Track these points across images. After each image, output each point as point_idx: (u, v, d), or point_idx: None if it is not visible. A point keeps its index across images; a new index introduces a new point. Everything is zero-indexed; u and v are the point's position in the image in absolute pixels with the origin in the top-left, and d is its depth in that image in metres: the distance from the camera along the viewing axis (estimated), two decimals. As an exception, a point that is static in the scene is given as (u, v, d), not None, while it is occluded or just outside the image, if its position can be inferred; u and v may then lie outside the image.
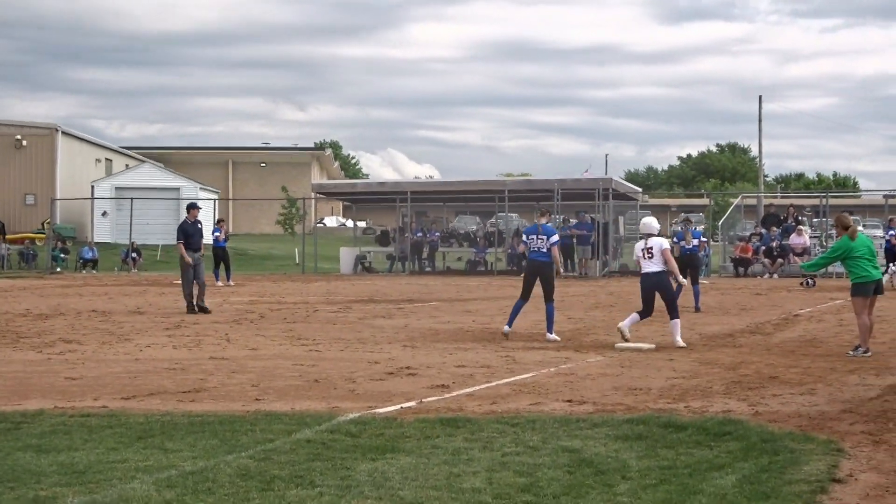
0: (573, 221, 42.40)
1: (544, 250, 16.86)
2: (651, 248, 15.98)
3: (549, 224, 17.29)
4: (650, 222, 16.48)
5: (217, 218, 39.12)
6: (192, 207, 23.26)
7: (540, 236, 16.92)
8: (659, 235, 16.42)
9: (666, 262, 16.01)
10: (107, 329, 18.90)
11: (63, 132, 62.17)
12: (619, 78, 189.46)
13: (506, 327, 17.05)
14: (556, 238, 16.98)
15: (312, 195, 54.49)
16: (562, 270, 17.18)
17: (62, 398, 11.11)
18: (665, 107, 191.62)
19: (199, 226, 23.11)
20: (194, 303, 22.22)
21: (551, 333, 16.85)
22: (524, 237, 17.46)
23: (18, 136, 60.12)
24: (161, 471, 7.70)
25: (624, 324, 15.92)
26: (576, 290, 30.14)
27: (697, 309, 22.36)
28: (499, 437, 8.93)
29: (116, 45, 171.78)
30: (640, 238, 16.48)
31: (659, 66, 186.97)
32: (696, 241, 23.33)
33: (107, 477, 7.53)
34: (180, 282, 23.13)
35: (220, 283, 32.89)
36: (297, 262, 50.66)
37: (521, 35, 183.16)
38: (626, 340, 15.65)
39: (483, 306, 23.89)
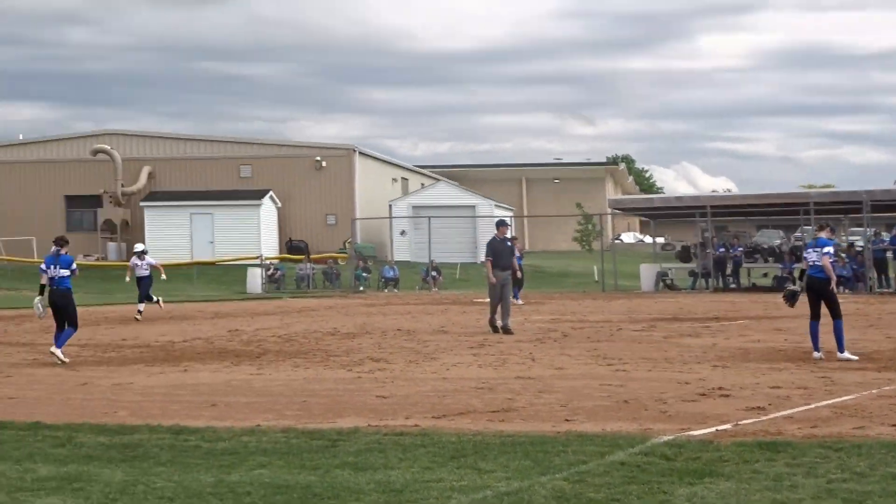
0: (885, 235, 40.42)
1: (820, 264, 16.20)
2: None
3: (827, 238, 16.66)
4: None
5: (511, 235, 39.27)
6: (501, 224, 23.26)
7: (816, 250, 16.35)
8: None
9: None
10: (412, 348, 19.23)
11: (360, 152, 63.92)
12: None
13: (815, 353, 16.29)
14: (827, 249, 16.32)
15: (609, 211, 54.21)
16: (833, 280, 16.37)
17: (375, 416, 11.32)
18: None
19: (509, 244, 23.11)
20: (497, 323, 22.19)
21: (843, 353, 16.05)
22: (805, 252, 16.92)
23: (318, 158, 62.16)
24: (476, 491, 7.68)
25: None
26: (894, 308, 28.69)
27: None
28: (822, 462, 8.49)
29: (404, 66, 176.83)
30: None
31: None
32: None
33: (423, 496, 7.57)
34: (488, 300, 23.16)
35: (520, 302, 32.91)
36: (596, 279, 50.41)
37: (813, 42, 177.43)
38: None
39: (794, 324, 22.95)
